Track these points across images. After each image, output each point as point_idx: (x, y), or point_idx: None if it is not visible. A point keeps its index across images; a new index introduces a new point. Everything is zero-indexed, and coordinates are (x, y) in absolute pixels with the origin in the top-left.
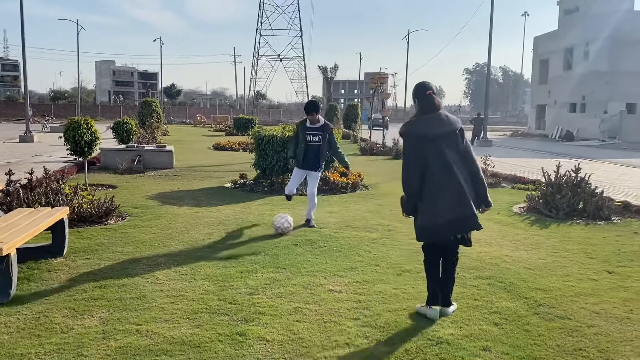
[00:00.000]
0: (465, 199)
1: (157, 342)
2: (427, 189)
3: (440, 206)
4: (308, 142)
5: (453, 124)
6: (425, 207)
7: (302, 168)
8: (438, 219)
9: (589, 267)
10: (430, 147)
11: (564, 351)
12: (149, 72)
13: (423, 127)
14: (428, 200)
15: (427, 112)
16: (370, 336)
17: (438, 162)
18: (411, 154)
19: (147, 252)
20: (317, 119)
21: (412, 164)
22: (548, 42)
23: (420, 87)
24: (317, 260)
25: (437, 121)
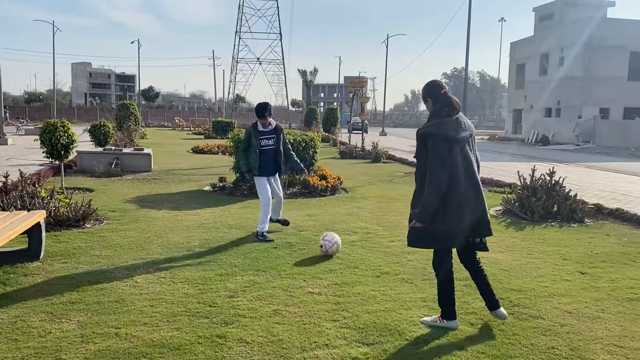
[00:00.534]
0: (483, 203)
1: (136, 345)
2: (452, 192)
3: (464, 209)
4: (262, 147)
5: (471, 128)
6: (447, 211)
7: (261, 175)
8: (462, 222)
9: (562, 268)
10: (457, 149)
11: (537, 350)
12: (126, 75)
13: (450, 128)
14: (451, 203)
15: (447, 112)
16: (349, 337)
17: (463, 165)
18: (441, 156)
19: (126, 255)
20: (269, 122)
21: (443, 166)
22: (524, 48)
23: (433, 87)
24: (297, 263)
25: (461, 124)
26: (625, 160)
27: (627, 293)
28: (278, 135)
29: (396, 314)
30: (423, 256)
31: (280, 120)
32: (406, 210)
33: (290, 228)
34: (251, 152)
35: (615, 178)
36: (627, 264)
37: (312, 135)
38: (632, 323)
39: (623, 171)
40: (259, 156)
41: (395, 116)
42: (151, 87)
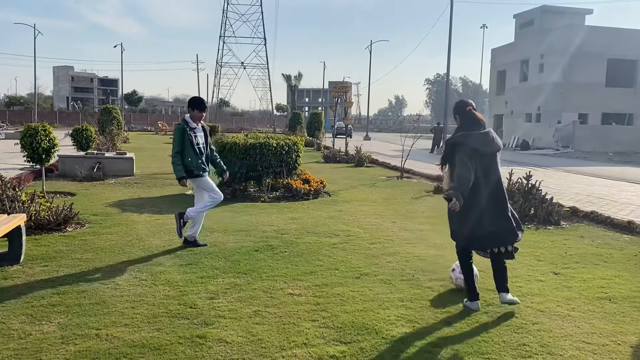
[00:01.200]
0: (505, 213)
1: (117, 346)
2: (472, 200)
3: (485, 218)
4: (197, 144)
5: (499, 144)
6: (469, 216)
7: (204, 175)
8: (479, 230)
9: (537, 269)
10: (481, 161)
11: (509, 346)
12: (109, 79)
13: (478, 141)
14: (472, 210)
15: (471, 127)
16: (327, 336)
17: (485, 177)
18: (465, 163)
19: (107, 259)
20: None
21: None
22: (505, 54)
23: (460, 105)
24: (278, 265)
25: (489, 139)
26: (603, 164)
27: (598, 292)
28: (207, 135)
29: (374, 314)
30: (402, 257)
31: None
32: (387, 214)
33: (272, 231)
34: (187, 152)
35: (591, 182)
36: (599, 265)
37: (295, 139)
38: (601, 321)
39: (600, 175)
40: (197, 155)
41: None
42: (134, 91)
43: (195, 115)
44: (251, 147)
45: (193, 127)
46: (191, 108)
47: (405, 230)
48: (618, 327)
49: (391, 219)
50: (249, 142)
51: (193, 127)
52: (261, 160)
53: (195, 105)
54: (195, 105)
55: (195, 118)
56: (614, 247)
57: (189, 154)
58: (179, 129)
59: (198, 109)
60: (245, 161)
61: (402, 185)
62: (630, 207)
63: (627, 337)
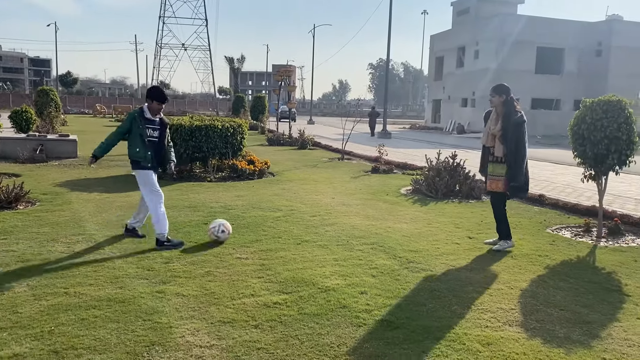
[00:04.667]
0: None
1: (85, 301)
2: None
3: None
4: (148, 137)
5: None
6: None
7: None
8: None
9: (454, 234)
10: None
11: (422, 290)
12: (41, 59)
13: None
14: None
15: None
16: (271, 289)
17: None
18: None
19: (64, 232)
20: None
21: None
22: (443, 41)
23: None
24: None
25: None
26: (531, 147)
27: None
28: (164, 130)
29: (312, 271)
30: (339, 227)
31: (207, 108)
32: (327, 191)
33: (219, 207)
34: (134, 142)
35: None
36: None
37: (239, 122)
38: (501, 272)
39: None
40: (146, 147)
41: (323, 105)
42: (69, 73)
43: (154, 107)
44: (197, 129)
45: (148, 118)
46: (150, 99)
47: (343, 205)
48: (513, 277)
49: (330, 196)
50: (195, 124)
51: (147, 118)
52: (207, 142)
53: (156, 96)
54: (155, 96)
55: (154, 110)
56: (524, 216)
57: (137, 144)
58: (130, 116)
59: (158, 100)
60: (191, 142)
61: (343, 166)
62: (545, 184)
63: (519, 284)
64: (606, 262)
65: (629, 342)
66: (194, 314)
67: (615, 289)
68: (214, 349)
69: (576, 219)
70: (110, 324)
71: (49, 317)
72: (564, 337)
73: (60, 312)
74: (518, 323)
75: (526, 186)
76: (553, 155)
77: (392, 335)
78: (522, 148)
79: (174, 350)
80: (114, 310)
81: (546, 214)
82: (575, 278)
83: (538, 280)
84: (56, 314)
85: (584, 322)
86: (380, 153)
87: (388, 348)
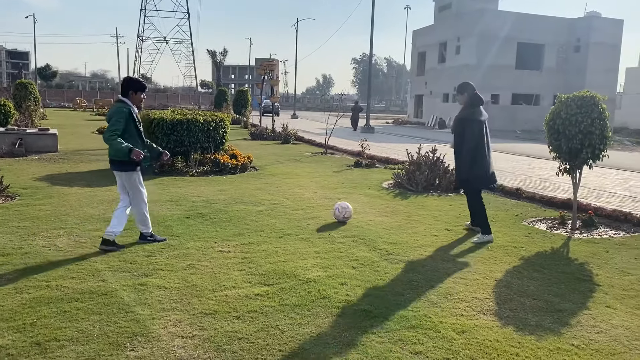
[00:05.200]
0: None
1: (67, 293)
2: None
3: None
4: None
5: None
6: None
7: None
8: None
9: (433, 226)
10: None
11: (400, 281)
12: (18, 51)
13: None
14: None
15: (477, 104)
16: (253, 281)
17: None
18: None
19: (44, 226)
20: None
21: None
22: (425, 36)
23: (470, 86)
24: (208, 229)
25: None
26: (511, 141)
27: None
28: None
29: (293, 263)
30: (321, 221)
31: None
32: (310, 185)
33: (202, 201)
34: (131, 139)
35: (497, 157)
36: None
37: (222, 116)
38: (477, 263)
39: (506, 151)
40: (140, 143)
41: (306, 99)
42: (48, 66)
43: (137, 98)
44: (178, 123)
45: (135, 112)
46: (133, 90)
47: (326, 199)
48: (489, 267)
49: (313, 190)
50: (176, 118)
51: (135, 113)
52: (188, 136)
53: (138, 86)
54: (138, 87)
55: (137, 102)
56: (501, 209)
57: (134, 142)
58: (124, 112)
59: (141, 90)
60: (173, 137)
61: (326, 161)
62: (523, 177)
63: (494, 274)
64: (579, 254)
65: (596, 328)
66: (176, 306)
67: (587, 279)
68: (196, 339)
69: (552, 212)
70: (92, 316)
71: (31, 310)
72: (536, 325)
73: (42, 305)
74: (492, 312)
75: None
76: (531, 150)
77: (370, 324)
78: (464, 142)
79: (156, 340)
80: (96, 303)
81: (523, 207)
82: (549, 269)
83: (513, 270)
84: (38, 307)
85: (556, 310)
86: (363, 148)
87: (366, 337)
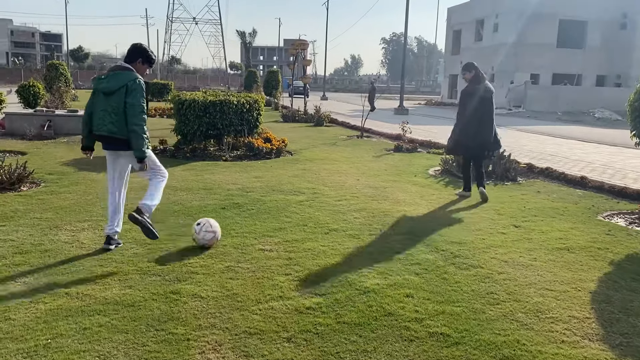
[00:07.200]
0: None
1: (89, 304)
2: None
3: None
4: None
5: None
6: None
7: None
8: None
9: (498, 222)
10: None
11: (477, 295)
12: (52, 34)
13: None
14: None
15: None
16: (302, 289)
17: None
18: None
19: (68, 217)
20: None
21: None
22: (461, 14)
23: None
24: (246, 223)
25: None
26: (552, 124)
27: (557, 243)
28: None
29: (345, 267)
30: (368, 213)
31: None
32: (350, 172)
33: (237, 189)
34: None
35: (543, 140)
36: (555, 218)
37: (256, 97)
38: (561, 269)
39: (550, 134)
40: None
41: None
42: (80, 47)
43: (143, 70)
44: (211, 105)
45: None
46: (143, 60)
47: (370, 188)
48: (577, 275)
49: (355, 177)
50: (209, 100)
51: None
52: (221, 119)
53: (150, 59)
54: (150, 59)
55: (141, 73)
56: (568, 201)
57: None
58: (141, 87)
59: (149, 62)
60: (205, 119)
61: (363, 144)
62: (581, 164)
63: (585, 284)
64: None
65: None
66: (214, 322)
67: None
68: None
69: (627, 204)
70: (116, 335)
71: (46, 326)
72: None
73: (59, 320)
74: (599, 337)
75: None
76: (579, 133)
77: (452, 353)
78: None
79: None
80: (122, 317)
81: (592, 199)
82: None
83: (606, 279)
84: (54, 322)
85: None
86: (404, 131)
87: None
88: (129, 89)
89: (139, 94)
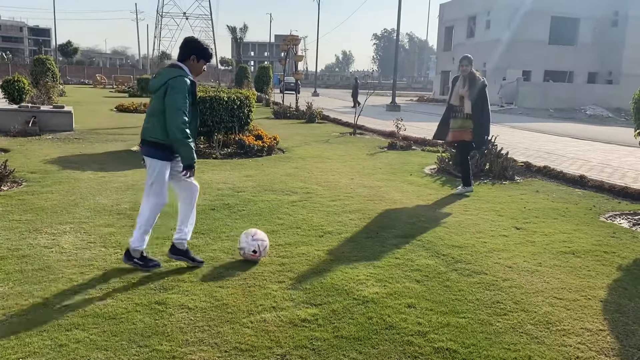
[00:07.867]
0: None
1: (67, 316)
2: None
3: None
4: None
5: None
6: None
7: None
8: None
9: (499, 224)
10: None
11: (483, 304)
12: (40, 28)
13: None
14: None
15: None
16: (296, 298)
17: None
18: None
19: (49, 219)
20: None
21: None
22: (453, 10)
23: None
24: (237, 225)
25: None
26: (545, 120)
27: (561, 247)
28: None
29: (341, 274)
30: (364, 215)
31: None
32: (344, 170)
33: (228, 189)
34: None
35: (537, 138)
36: (557, 219)
37: (246, 93)
38: (568, 275)
39: (544, 131)
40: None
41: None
42: (69, 42)
43: (199, 68)
44: (200, 101)
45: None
46: (196, 56)
47: (365, 187)
48: (585, 282)
49: (349, 176)
50: (199, 96)
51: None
52: (212, 115)
53: (205, 54)
54: (205, 54)
55: (196, 72)
56: (569, 201)
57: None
58: (185, 84)
59: (206, 58)
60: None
61: (356, 142)
62: (579, 162)
63: (595, 292)
64: None
65: None
66: (202, 337)
67: None
68: None
69: (629, 205)
70: (95, 352)
71: (19, 343)
72: None
73: (33, 335)
74: (615, 353)
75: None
76: (572, 130)
77: None
78: (487, 106)
79: None
80: (102, 332)
81: (592, 198)
82: None
83: (616, 286)
84: (28, 338)
85: None
86: (398, 128)
87: None
88: (169, 87)
89: (177, 92)
